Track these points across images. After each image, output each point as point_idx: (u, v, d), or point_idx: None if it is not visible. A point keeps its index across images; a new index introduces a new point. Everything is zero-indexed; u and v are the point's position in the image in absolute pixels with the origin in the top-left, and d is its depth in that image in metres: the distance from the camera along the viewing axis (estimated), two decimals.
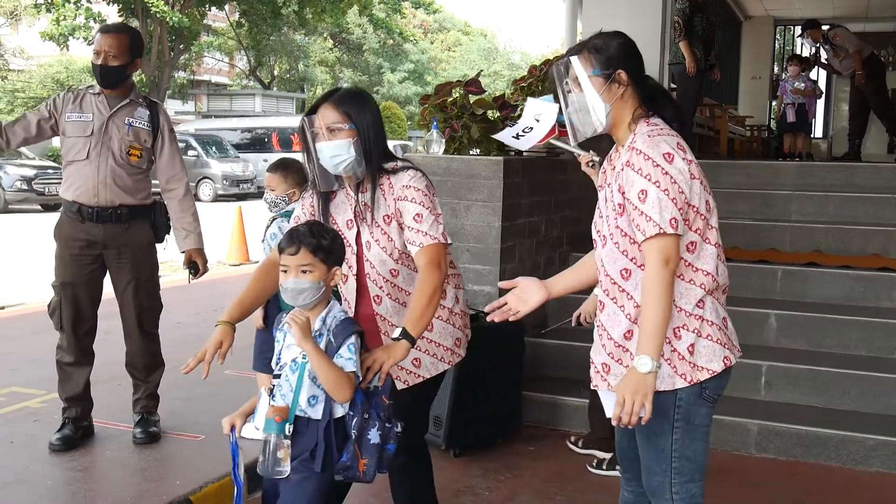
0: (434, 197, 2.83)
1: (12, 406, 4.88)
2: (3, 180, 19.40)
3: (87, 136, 4.14)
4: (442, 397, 4.33)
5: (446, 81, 5.89)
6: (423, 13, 34.64)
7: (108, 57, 4.09)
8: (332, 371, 2.51)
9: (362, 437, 2.57)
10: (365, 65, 43.37)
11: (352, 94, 2.87)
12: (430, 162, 5.17)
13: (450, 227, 5.10)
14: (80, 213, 4.16)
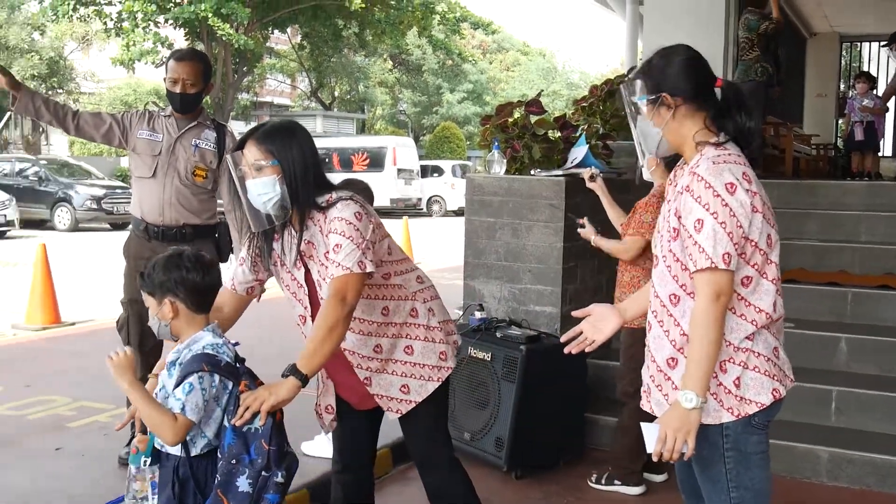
0: (364, 223, 2.64)
1: (82, 420, 4.99)
2: (73, 200, 19.93)
3: (154, 156, 4.23)
4: (503, 418, 4.32)
5: (506, 102, 5.89)
6: (482, 34, 34.71)
7: (186, 85, 4.18)
8: (148, 411, 2.38)
9: (229, 483, 2.39)
10: (424, 85, 43.67)
11: (276, 129, 2.70)
12: (491, 182, 5.17)
13: (511, 247, 5.11)
14: (146, 231, 4.24)
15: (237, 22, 22.40)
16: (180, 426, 2.35)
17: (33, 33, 29.54)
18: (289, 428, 2.60)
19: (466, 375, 4.51)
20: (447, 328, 2.92)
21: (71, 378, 5.92)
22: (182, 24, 22.87)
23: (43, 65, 29.19)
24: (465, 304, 5.21)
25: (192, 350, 2.47)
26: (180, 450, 2.43)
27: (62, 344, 7.26)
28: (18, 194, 19.45)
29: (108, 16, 22.42)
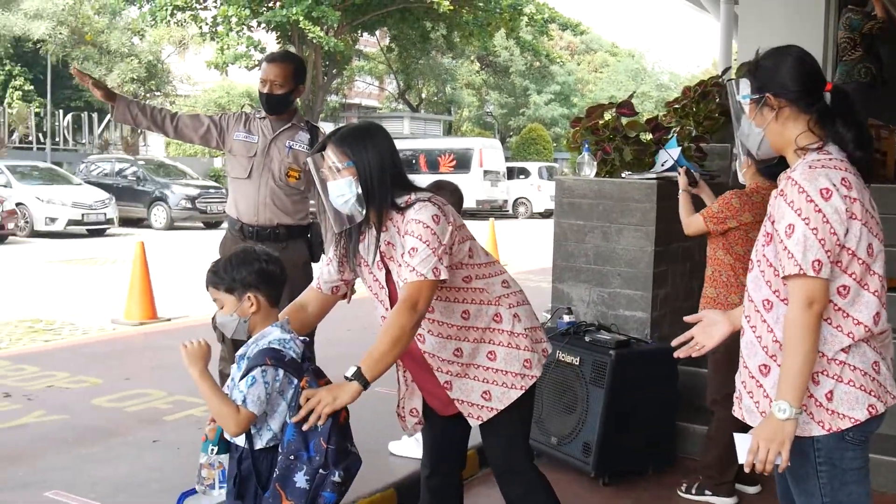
0: (442, 226, 2.61)
1: (178, 414, 5.14)
2: (169, 199, 20.55)
3: (250, 157, 4.32)
4: (591, 423, 4.27)
5: (596, 104, 5.83)
6: (570, 35, 34.52)
7: (273, 86, 4.26)
8: (214, 401, 2.44)
9: (287, 477, 2.42)
10: (511, 87, 43.60)
11: (352, 132, 2.73)
12: (580, 185, 5.13)
13: (600, 250, 5.06)
14: (241, 230, 4.34)
15: (327, 25, 22.75)
16: (242, 418, 2.42)
17: (133, 38, 30.53)
18: (375, 427, 2.64)
19: (554, 379, 4.48)
20: (534, 335, 2.84)
21: (167, 373, 6.10)
22: (274, 28, 23.34)
23: (142, 68, 30.16)
24: (553, 307, 5.18)
25: (258, 345, 2.52)
26: (244, 441, 2.48)
27: (158, 339, 7.48)
28: (117, 193, 20.17)
29: (203, 20, 23.04)
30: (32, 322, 8.49)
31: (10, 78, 32.08)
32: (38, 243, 16.96)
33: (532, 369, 2.80)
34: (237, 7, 21.52)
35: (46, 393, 5.59)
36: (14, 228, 17.20)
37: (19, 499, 3.86)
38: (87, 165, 22.87)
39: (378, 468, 4.32)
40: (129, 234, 18.65)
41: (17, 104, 30.59)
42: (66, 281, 11.66)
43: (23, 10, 26.66)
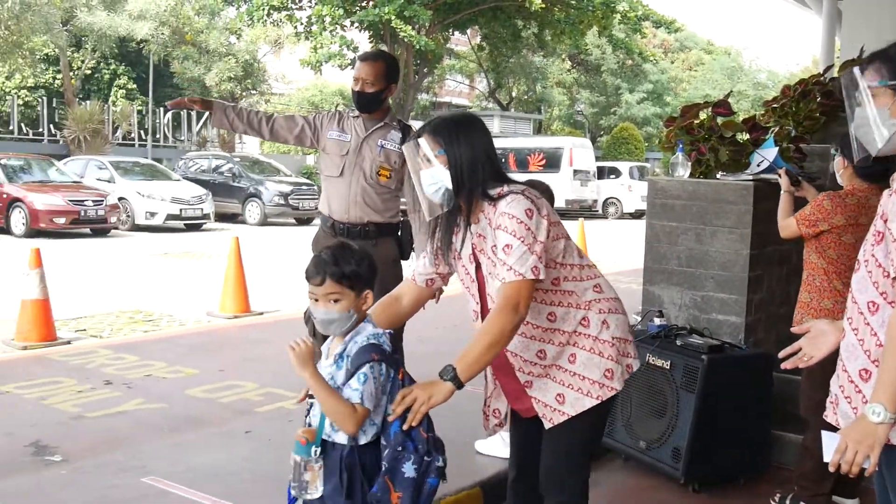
0: (536, 221, 2.56)
1: (269, 406, 5.25)
2: (263, 195, 21.02)
3: (342, 155, 4.38)
4: (682, 428, 4.20)
5: (691, 103, 5.72)
6: (664, 32, 33.89)
7: (364, 84, 4.30)
8: (331, 402, 2.42)
9: (395, 469, 2.42)
10: (602, 85, 43.16)
11: (447, 121, 2.72)
12: (674, 185, 5.04)
13: (693, 253, 4.96)
14: (333, 227, 4.40)
15: (419, 24, 22.90)
16: (360, 416, 2.43)
17: (231, 37, 31.32)
18: (463, 426, 2.64)
19: (644, 383, 4.41)
20: (622, 347, 2.72)
21: (259, 365, 6.24)
22: (367, 27, 23.63)
23: (238, 67, 30.90)
24: (644, 309, 5.10)
25: (357, 341, 2.51)
26: (347, 438, 2.48)
27: (251, 332, 7.66)
28: (214, 189, 20.73)
29: (298, 20, 23.47)
30: (133, 313, 8.79)
31: (115, 77, 33.30)
32: (139, 237, 17.56)
33: (612, 381, 2.68)
34: (331, 7, 21.85)
35: (145, 381, 5.78)
36: (116, 222, 17.86)
37: (119, 483, 4.00)
38: (185, 162, 23.58)
39: (464, 466, 4.33)
40: (225, 230, 19.14)
41: (121, 102, 31.74)
42: (164, 274, 12.04)
43: (127, 11, 27.60)
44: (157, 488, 3.93)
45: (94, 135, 26.00)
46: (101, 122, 27.05)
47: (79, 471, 4.15)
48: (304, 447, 2.46)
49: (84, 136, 25.75)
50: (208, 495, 3.85)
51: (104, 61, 32.60)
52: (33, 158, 19.79)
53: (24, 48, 23.56)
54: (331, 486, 2.47)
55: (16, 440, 4.55)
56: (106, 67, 33.04)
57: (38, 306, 6.89)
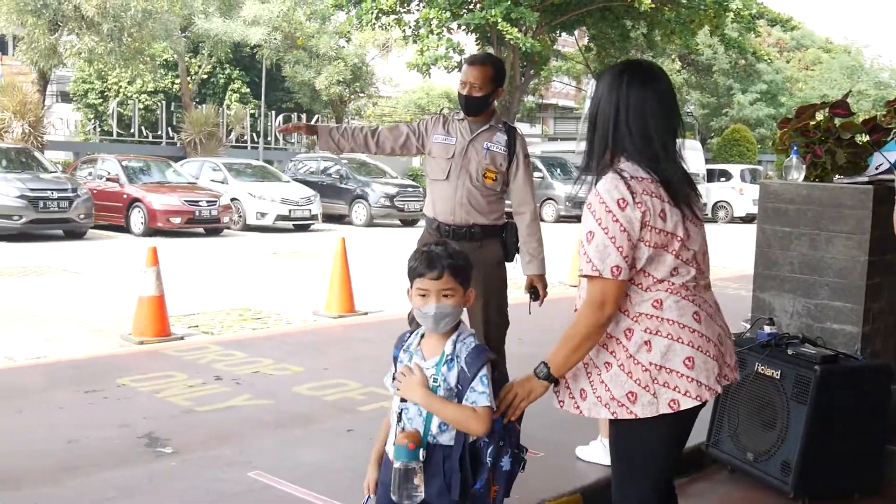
0: (627, 215, 2.41)
1: (372, 405, 5.32)
2: (369, 197, 21.33)
3: (448, 158, 4.39)
4: (792, 441, 4.05)
5: (807, 103, 5.52)
6: (780, 31, 32.88)
7: (472, 88, 4.30)
8: (452, 412, 2.45)
9: (496, 464, 2.47)
10: (714, 86, 42.11)
11: (620, 66, 2.63)
12: (788, 189, 4.88)
13: (807, 259, 4.79)
14: (438, 229, 4.42)
15: (525, 26, 22.84)
16: (482, 415, 2.46)
17: (340, 41, 31.90)
18: (564, 431, 2.63)
19: (752, 393, 4.28)
20: (660, 377, 2.47)
21: (363, 364, 6.32)
22: (473, 30, 23.71)
23: (347, 70, 31.43)
24: (754, 317, 4.95)
25: (465, 343, 2.53)
26: (449, 439, 2.49)
27: (356, 332, 7.78)
28: (322, 191, 21.15)
29: (406, 23, 23.74)
30: (242, 311, 9.04)
31: (230, 81, 34.36)
32: (250, 236, 18.06)
33: (634, 405, 2.48)
34: (438, 10, 22.02)
35: (253, 378, 5.93)
36: (228, 222, 18.42)
37: (226, 477, 4.12)
38: (295, 164, 24.13)
39: (564, 472, 4.29)
40: (332, 230, 19.50)
41: (235, 106, 32.72)
42: (273, 273, 12.35)
43: (242, 18, 28.44)
44: (262, 483, 4.03)
45: (209, 137, 26.88)
46: (216, 125, 27.93)
47: (188, 463, 4.29)
48: (413, 451, 2.44)
49: (200, 138, 26.64)
50: (311, 492, 3.92)
51: (219, 66, 33.69)
52: (152, 160, 20.60)
53: (145, 54, 24.53)
54: (436, 488, 2.47)
55: (130, 432, 4.73)
56: (221, 72, 34.14)
57: (154, 303, 7.15)
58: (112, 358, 6.59)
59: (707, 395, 2.50)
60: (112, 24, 21.79)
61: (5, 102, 21.48)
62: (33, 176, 16.44)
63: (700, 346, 2.50)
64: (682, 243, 2.50)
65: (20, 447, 4.46)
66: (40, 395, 5.41)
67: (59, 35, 22.31)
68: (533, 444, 4.49)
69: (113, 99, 31.61)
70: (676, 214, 2.49)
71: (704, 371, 2.49)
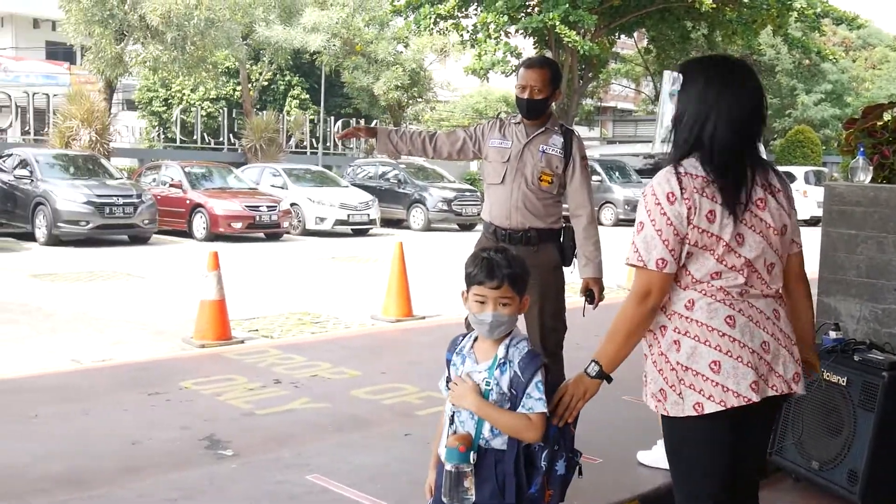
0: (675, 210, 2.42)
1: (429, 409, 5.32)
2: (427, 201, 21.40)
3: (504, 162, 4.37)
4: (859, 449, 3.95)
5: (874, 103, 5.39)
6: (845, 29, 32.18)
7: (533, 91, 4.26)
8: (509, 420, 2.44)
9: (551, 468, 2.45)
10: (777, 87, 41.32)
11: (700, 60, 2.64)
12: (854, 191, 4.76)
13: (874, 262, 4.66)
14: (495, 234, 4.40)
15: (584, 28, 22.69)
16: (536, 422, 2.46)
17: (398, 46, 32.07)
18: (624, 436, 2.61)
19: (817, 399, 4.17)
20: (687, 378, 2.46)
21: (420, 369, 6.34)
22: (531, 34, 23.63)
23: (405, 76, 31.57)
24: (819, 322, 4.83)
25: (518, 348, 2.53)
26: (502, 443, 2.49)
27: (413, 336, 7.80)
28: (380, 196, 21.28)
29: (464, 28, 23.75)
30: (301, 315, 9.13)
31: (290, 88, 34.79)
32: (309, 241, 18.24)
33: (665, 403, 2.51)
34: (496, 14, 21.98)
35: (311, 381, 5.99)
36: (288, 227, 18.63)
37: (285, 479, 4.16)
38: (353, 169, 24.33)
39: (622, 478, 4.24)
40: (390, 235, 19.60)
41: (295, 112, 33.12)
42: (331, 277, 12.46)
43: (301, 25, 28.75)
44: (320, 486, 4.06)
45: (269, 143, 27.24)
46: (276, 130, 28.30)
47: (248, 465, 4.34)
48: (463, 454, 2.45)
49: (260, 144, 27.02)
50: (368, 495, 3.94)
51: (280, 73, 34.13)
52: (214, 166, 20.94)
53: (207, 62, 24.94)
54: (488, 492, 2.47)
55: (192, 434, 4.81)
56: (281, 79, 34.58)
57: (216, 307, 7.26)
58: (175, 361, 6.71)
59: (734, 402, 2.44)
60: (176, 33, 22.22)
61: (73, 111, 22.05)
62: (100, 182, 16.83)
63: (730, 350, 2.45)
64: (728, 248, 2.46)
65: (86, 448, 4.56)
66: (106, 397, 5.53)
67: (124, 44, 22.82)
68: (591, 450, 4.46)
69: (176, 106, 32.26)
70: (728, 218, 2.45)
71: (733, 377, 2.45)
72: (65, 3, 22.07)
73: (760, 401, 2.47)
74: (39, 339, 7.62)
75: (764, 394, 2.48)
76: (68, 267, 12.61)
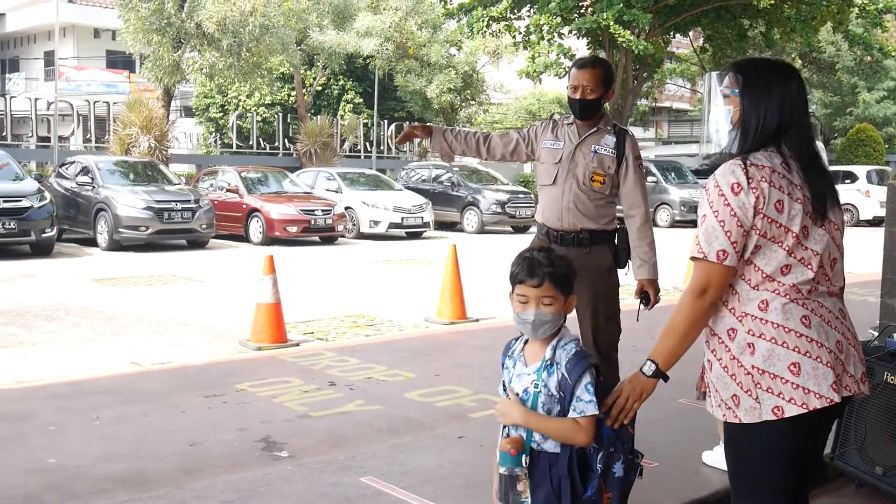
0: (740, 200, 2.40)
1: (483, 412, 5.31)
2: (480, 204, 21.42)
3: (556, 163, 4.35)
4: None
5: None
6: None
7: (585, 91, 4.24)
8: (557, 427, 2.42)
9: (607, 470, 2.42)
10: (837, 84, 40.49)
11: (755, 62, 2.62)
12: None
13: None
14: (547, 235, 4.39)
15: (638, 28, 22.47)
16: (585, 425, 2.44)
17: (451, 49, 32.13)
18: (682, 438, 2.57)
19: (881, 403, 4.07)
20: (764, 381, 2.41)
21: (474, 371, 6.33)
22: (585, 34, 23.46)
23: (458, 78, 31.62)
24: (882, 324, 4.72)
25: (566, 349, 2.51)
26: (554, 446, 2.47)
27: (467, 338, 7.80)
28: (434, 198, 21.35)
29: (517, 30, 23.68)
30: (356, 317, 9.19)
31: (343, 92, 35.09)
32: (363, 244, 18.37)
33: (738, 409, 2.45)
34: (549, 16, 21.88)
35: (366, 384, 6.02)
36: (343, 231, 18.78)
37: (339, 481, 4.18)
38: (407, 172, 24.43)
39: (681, 482, 4.19)
40: (443, 237, 19.63)
41: (349, 116, 33.38)
42: (386, 280, 12.52)
43: (355, 30, 28.99)
44: (374, 488, 4.08)
45: (323, 147, 27.50)
46: (331, 135, 28.55)
47: (303, 467, 4.38)
48: (515, 458, 2.44)
49: (315, 148, 27.28)
50: (422, 498, 3.95)
51: (333, 78, 34.44)
52: (269, 171, 21.19)
53: (262, 68, 25.29)
54: (543, 495, 2.46)
55: (248, 435, 4.87)
56: (335, 83, 34.89)
57: (271, 310, 7.34)
58: (232, 363, 6.80)
59: (816, 403, 2.40)
60: (231, 39, 22.57)
61: (133, 118, 22.54)
62: (159, 188, 17.15)
63: (808, 351, 2.41)
64: (797, 240, 2.43)
65: (145, 449, 4.65)
66: (164, 399, 5.63)
67: (181, 52, 23.25)
68: (651, 455, 4.40)
69: (232, 112, 32.73)
70: (796, 209, 2.43)
71: (813, 378, 2.40)
72: (124, 12, 22.58)
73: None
74: (101, 341, 7.78)
75: (842, 394, 2.43)
76: (129, 271, 12.87)
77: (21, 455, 4.54)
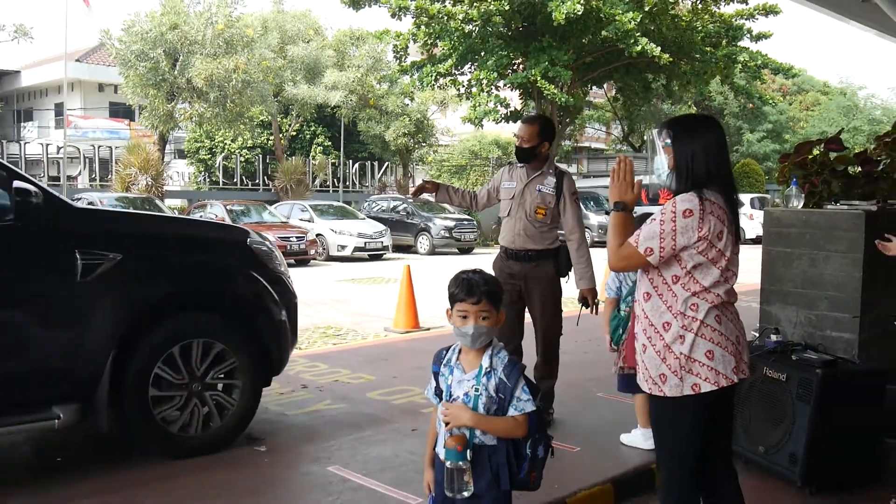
0: (688, 223, 2.57)
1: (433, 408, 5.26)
2: (431, 229, 21.40)
3: (510, 199, 4.68)
4: (798, 436, 3.92)
5: (805, 140, 5.40)
6: (783, 78, 32.19)
7: (521, 141, 4.59)
8: (503, 426, 2.43)
9: (534, 454, 2.46)
10: (726, 127, 41.40)
11: (681, 119, 2.80)
12: (788, 215, 4.76)
13: (808, 275, 4.64)
14: (505, 253, 4.71)
15: (561, 82, 22.76)
16: (521, 421, 2.45)
17: (405, 100, 32.18)
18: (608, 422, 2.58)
19: (762, 393, 4.15)
20: (688, 365, 2.63)
21: (426, 373, 6.23)
22: (517, 87, 23.68)
23: (411, 125, 31.64)
24: (761, 326, 4.82)
25: (500, 357, 2.51)
26: (492, 439, 2.46)
27: (420, 345, 7.76)
28: (392, 225, 21.29)
29: (460, 83, 23.81)
30: (325, 328, 9.11)
31: (314, 136, 34.90)
32: (332, 266, 18.22)
33: (664, 385, 2.68)
34: (487, 72, 22.05)
35: (333, 386, 5.95)
36: (315, 254, 18.60)
37: (310, 471, 4.13)
38: (369, 203, 24.34)
39: (598, 464, 4.20)
40: (400, 259, 19.57)
41: (319, 157, 33.18)
42: (351, 296, 12.42)
43: (323, 84, 28.89)
44: (340, 476, 4.03)
45: (297, 184, 27.29)
46: (304, 173, 28.35)
47: (279, 459, 4.31)
48: (461, 453, 2.42)
49: (290, 185, 27.06)
50: (380, 483, 3.91)
51: (306, 124, 34.23)
52: (251, 204, 20.93)
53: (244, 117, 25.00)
54: (485, 482, 2.45)
55: None
56: (307, 129, 34.69)
57: None
58: None
59: (724, 382, 2.65)
60: (217, 92, 22.32)
61: (132, 160, 22.14)
62: None
63: (719, 342, 2.65)
64: (728, 262, 2.67)
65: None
66: None
67: (174, 103, 22.93)
68: (573, 440, 4.43)
69: (219, 154, 32.33)
70: (730, 239, 2.66)
71: (723, 363, 2.65)
72: (124, 70, 22.22)
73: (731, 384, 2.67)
74: None
75: (739, 377, 2.68)
76: None
77: None
